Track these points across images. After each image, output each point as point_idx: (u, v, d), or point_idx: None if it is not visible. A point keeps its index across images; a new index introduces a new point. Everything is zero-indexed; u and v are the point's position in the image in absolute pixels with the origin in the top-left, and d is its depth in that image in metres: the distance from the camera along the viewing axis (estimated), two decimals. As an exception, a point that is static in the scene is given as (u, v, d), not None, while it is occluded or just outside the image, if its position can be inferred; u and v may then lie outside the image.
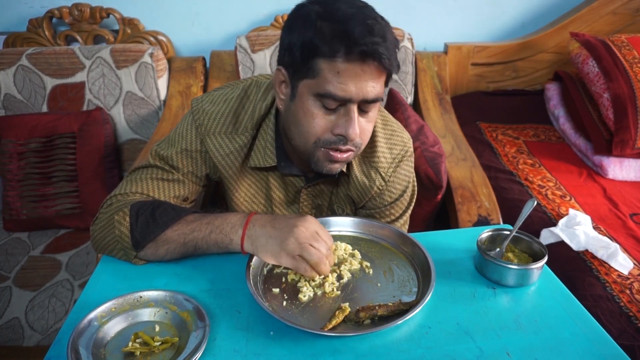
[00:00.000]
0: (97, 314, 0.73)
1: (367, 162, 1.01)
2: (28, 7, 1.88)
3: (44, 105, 1.73)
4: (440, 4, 2.04)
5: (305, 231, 0.79)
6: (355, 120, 0.82)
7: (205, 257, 0.91)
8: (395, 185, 1.05)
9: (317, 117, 0.83)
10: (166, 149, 0.97)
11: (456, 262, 0.91)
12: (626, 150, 1.65)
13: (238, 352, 0.70)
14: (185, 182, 0.97)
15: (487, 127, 1.98)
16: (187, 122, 0.98)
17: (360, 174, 1.01)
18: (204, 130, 0.95)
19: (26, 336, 1.26)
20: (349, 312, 0.77)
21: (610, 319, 1.11)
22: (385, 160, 1.02)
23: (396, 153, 1.03)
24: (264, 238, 0.80)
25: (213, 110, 0.96)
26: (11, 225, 1.62)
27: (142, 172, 0.97)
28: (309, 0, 0.83)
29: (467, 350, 0.71)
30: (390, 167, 1.02)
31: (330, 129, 0.84)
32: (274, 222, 0.82)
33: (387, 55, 0.78)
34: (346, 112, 0.82)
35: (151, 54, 1.74)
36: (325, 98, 0.80)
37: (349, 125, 0.82)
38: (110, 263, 0.91)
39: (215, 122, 0.95)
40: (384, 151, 1.01)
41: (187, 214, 0.88)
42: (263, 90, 0.97)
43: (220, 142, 0.96)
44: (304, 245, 0.78)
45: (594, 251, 1.28)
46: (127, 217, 0.87)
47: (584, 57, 1.81)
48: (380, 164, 1.01)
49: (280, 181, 1.02)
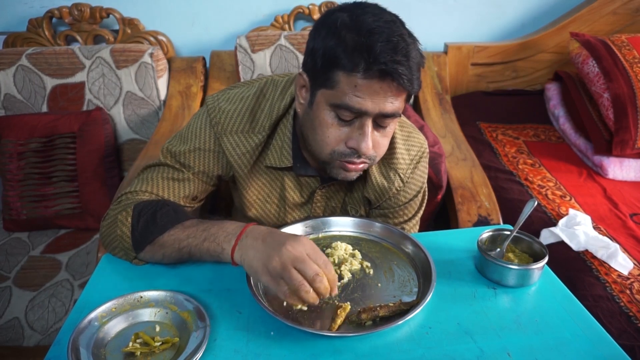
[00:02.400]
0: (97, 314, 0.73)
1: (385, 163, 1.01)
2: (28, 7, 1.88)
3: (44, 105, 1.73)
4: (440, 4, 2.04)
5: (292, 251, 0.71)
6: (368, 135, 0.81)
7: (206, 257, 0.91)
8: (411, 186, 1.05)
9: (331, 127, 0.82)
10: (178, 145, 0.96)
11: (456, 262, 0.91)
12: (626, 150, 1.65)
13: (238, 352, 0.70)
14: (196, 182, 0.97)
15: (487, 127, 1.98)
16: (201, 120, 0.96)
17: (379, 176, 1.01)
18: (221, 129, 0.94)
19: (26, 336, 1.26)
20: (349, 309, 0.77)
21: (610, 319, 1.11)
22: (404, 161, 1.01)
23: (414, 154, 1.02)
24: (252, 251, 0.75)
25: (230, 108, 0.95)
26: (11, 225, 1.62)
27: (153, 171, 0.96)
28: (340, 7, 0.82)
29: (468, 350, 0.71)
30: (408, 168, 1.02)
31: (344, 141, 0.83)
32: (266, 236, 0.76)
33: (407, 76, 0.76)
34: (360, 125, 0.81)
35: (151, 54, 1.74)
36: (341, 109, 0.80)
37: (361, 139, 0.81)
38: (110, 263, 0.91)
39: (232, 120, 0.94)
40: (402, 152, 1.01)
41: (187, 218, 0.87)
42: (280, 89, 0.96)
43: (237, 141, 0.94)
44: (286, 267, 0.71)
45: (594, 251, 1.28)
46: (130, 218, 0.87)
47: (584, 57, 1.81)
48: (400, 165, 1.01)
49: (295, 182, 1.01)
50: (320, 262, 0.73)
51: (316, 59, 0.80)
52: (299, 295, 0.71)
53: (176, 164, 0.96)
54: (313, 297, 0.71)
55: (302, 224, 0.99)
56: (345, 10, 0.80)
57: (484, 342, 0.73)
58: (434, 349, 0.71)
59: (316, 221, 1.00)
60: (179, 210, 0.89)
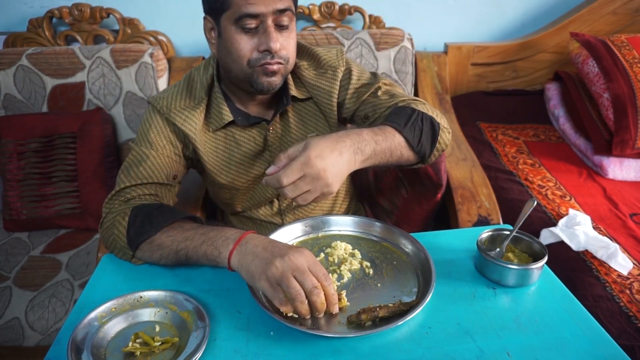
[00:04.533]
0: (97, 314, 0.73)
1: (309, 69, 1.07)
2: (28, 7, 1.88)
3: (44, 105, 1.73)
4: (440, 4, 2.04)
5: (294, 261, 0.72)
6: (272, 33, 0.90)
7: (206, 257, 0.91)
8: (356, 67, 1.09)
9: (241, 41, 0.91)
10: (140, 140, 1.03)
11: (456, 262, 0.91)
12: (626, 150, 1.65)
13: (238, 352, 0.70)
14: (168, 160, 1.02)
15: (487, 127, 1.98)
16: (148, 114, 1.05)
17: (312, 79, 1.06)
18: (167, 110, 1.02)
19: (26, 336, 1.26)
20: (346, 303, 0.78)
21: (610, 319, 1.11)
22: (326, 55, 1.07)
23: (334, 52, 1.08)
24: (251, 256, 0.76)
25: (167, 95, 1.04)
26: (11, 225, 1.62)
27: (126, 168, 1.00)
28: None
29: (468, 350, 0.71)
30: (335, 59, 1.07)
31: (256, 48, 0.91)
32: (267, 244, 0.77)
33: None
34: (264, 29, 0.90)
35: (151, 54, 1.74)
36: (242, 19, 0.89)
37: (269, 39, 0.90)
38: (110, 263, 0.91)
39: (173, 100, 1.03)
40: (318, 53, 1.07)
41: (185, 218, 0.89)
42: (203, 67, 1.06)
43: (184, 115, 1.01)
44: (285, 274, 0.72)
45: (594, 251, 1.28)
46: (127, 217, 0.89)
47: (584, 57, 1.81)
48: (323, 60, 1.07)
49: (245, 134, 1.07)
50: (321, 276, 0.74)
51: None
52: (294, 305, 0.72)
53: (145, 151, 1.00)
54: (306, 309, 0.73)
55: (301, 223, 0.99)
56: None
57: (483, 342, 0.73)
58: (434, 349, 0.71)
59: (316, 220, 1.00)
60: (175, 210, 0.91)
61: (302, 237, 0.97)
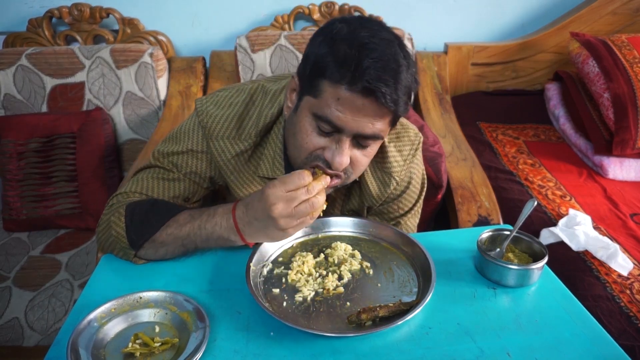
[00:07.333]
0: (97, 314, 0.73)
1: (379, 168, 1.00)
2: (28, 7, 1.88)
3: (43, 105, 1.73)
4: (440, 4, 2.04)
5: (277, 209, 0.75)
6: (344, 151, 0.81)
7: (205, 258, 0.91)
8: (404, 178, 1.04)
9: (310, 135, 0.82)
10: (170, 146, 0.96)
11: (456, 262, 0.91)
12: (626, 150, 1.65)
13: (238, 353, 0.70)
14: (187, 182, 0.97)
15: (487, 127, 1.98)
16: (193, 122, 0.97)
17: (375, 181, 1.01)
18: (208, 132, 0.94)
19: (26, 336, 1.26)
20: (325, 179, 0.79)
21: (610, 319, 1.11)
22: (397, 164, 1.00)
23: (406, 154, 1.01)
24: (255, 224, 0.79)
25: (217, 113, 0.95)
26: (11, 225, 1.62)
27: (143, 173, 0.97)
28: (343, 18, 0.82)
29: (468, 350, 0.71)
30: (402, 169, 1.01)
31: (322, 148, 0.83)
32: (249, 209, 0.80)
33: (391, 97, 0.74)
34: (339, 139, 0.81)
35: (151, 54, 1.74)
36: (321, 120, 0.79)
37: (337, 154, 0.81)
38: (110, 263, 0.91)
39: (219, 125, 0.94)
40: (394, 155, 1.00)
41: (179, 213, 0.88)
42: (269, 97, 0.96)
43: (223, 146, 0.94)
44: (289, 223, 0.76)
45: (594, 252, 1.28)
46: (123, 218, 0.88)
47: (584, 57, 1.81)
48: (394, 169, 1.00)
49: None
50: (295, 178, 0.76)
51: (307, 64, 0.80)
52: (314, 210, 0.76)
53: (168, 164, 0.96)
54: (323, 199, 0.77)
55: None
56: (346, 21, 0.79)
57: (483, 342, 0.73)
58: (434, 349, 0.71)
59: (316, 221, 1.00)
60: (170, 205, 0.90)
61: (302, 238, 0.97)
